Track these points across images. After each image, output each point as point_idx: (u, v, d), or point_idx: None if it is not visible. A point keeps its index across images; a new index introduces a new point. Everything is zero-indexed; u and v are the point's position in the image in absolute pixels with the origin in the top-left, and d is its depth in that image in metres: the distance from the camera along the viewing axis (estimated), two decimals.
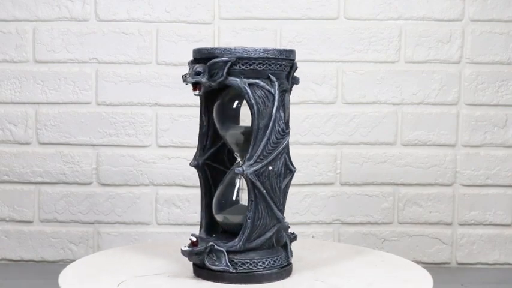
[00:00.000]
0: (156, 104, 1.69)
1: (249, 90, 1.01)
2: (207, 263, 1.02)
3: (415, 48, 1.70)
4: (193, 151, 1.11)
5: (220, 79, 1.01)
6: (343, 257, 1.18)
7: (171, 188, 1.71)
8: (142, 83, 1.69)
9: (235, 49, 1.01)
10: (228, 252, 1.02)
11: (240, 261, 1.02)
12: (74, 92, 1.69)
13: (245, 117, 1.08)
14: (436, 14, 1.69)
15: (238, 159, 1.10)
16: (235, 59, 1.00)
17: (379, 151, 1.71)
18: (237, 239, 1.02)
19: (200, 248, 1.02)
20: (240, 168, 1.00)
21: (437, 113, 1.71)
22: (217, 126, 1.08)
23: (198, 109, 1.09)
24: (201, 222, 1.09)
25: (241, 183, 1.09)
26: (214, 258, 1.02)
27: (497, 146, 1.72)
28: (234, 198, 1.09)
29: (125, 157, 1.70)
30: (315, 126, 1.70)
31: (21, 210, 1.71)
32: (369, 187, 1.72)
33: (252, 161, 1.01)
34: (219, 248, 1.02)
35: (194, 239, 1.04)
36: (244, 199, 1.08)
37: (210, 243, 1.02)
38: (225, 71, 1.00)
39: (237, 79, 1.01)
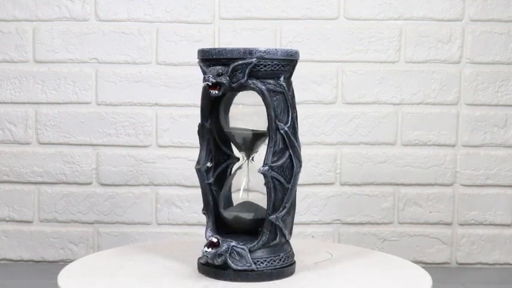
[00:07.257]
0: (156, 104, 1.69)
1: (266, 93, 1.01)
2: (229, 263, 1.02)
3: (415, 48, 1.70)
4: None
5: (242, 81, 1.00)
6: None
7: (171, 188, 1.71)
8: (142, 83, 1.69)
9: (258, 50, 1.00)
10: (250, 251, 1.03)
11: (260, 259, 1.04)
12: (74, 92, 1.70)
13: (243, 117, 1.09)
14: (436, 14, 1.69)
15: (244, 158, 1.10)
16: (256, 60, 1.00)
17: (379, 151, 1.71)
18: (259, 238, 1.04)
19: (222, 248, 1.02)
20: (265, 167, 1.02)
21: (437, 113, 1.71)
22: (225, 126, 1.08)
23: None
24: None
25: (247, 181, 1.10)
26: (237, 257, 1.02)
27: (497, 146, 1.72)
28: (240, 196, 1.10)
29: (124, 157, 1.70)
30: (315, 126, 1.70)
31: (21, 210, 1.71)
32: (369, 187, 1.72)
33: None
34: (241, 247, 1.03)
35: (215, 239, 1.03)
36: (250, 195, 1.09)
37: (231, 244, 1.02)
38: (246, 72, 1.00)
39: (256, 81, 1.01)
